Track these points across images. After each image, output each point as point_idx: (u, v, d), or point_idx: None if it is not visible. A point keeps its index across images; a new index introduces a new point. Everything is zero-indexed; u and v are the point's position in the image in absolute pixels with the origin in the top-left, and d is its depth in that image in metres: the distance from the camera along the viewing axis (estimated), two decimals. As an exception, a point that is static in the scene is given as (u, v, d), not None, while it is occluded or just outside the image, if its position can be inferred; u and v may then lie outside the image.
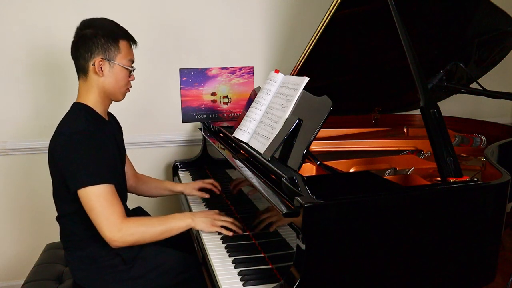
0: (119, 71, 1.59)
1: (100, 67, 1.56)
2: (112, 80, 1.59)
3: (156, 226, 1.50)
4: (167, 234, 1.51)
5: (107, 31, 1.57)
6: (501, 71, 2.39)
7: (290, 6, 2.62)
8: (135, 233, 1.46)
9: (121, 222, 1.44)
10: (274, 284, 1.12)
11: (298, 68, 2.01)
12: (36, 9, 2.31)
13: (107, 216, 1.43)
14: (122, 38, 1.60)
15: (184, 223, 1.53)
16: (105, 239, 1.44)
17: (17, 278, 2.42)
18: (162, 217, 1.54)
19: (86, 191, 1.43)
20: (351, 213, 1.08)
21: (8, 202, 2.42)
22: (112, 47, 1.56)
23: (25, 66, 2.34)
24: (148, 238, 1.49)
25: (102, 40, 1.55)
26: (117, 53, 1.58)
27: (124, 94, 1.66)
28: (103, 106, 1.64)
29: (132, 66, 1.64)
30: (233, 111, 2.65)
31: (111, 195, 1.46)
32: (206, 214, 1.58)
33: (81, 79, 1.61)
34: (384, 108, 2.43)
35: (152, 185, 2.01)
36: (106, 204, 1.43)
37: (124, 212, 1.47)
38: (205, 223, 1.53)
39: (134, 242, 1.47)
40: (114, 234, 1.43)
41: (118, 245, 1.45)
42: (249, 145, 1.62)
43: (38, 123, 2.38)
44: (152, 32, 2.43)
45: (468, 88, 1.90)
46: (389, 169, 1.64)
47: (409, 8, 1.75)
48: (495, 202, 1.20)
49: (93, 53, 1.55)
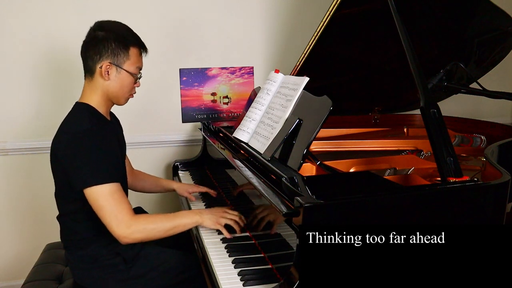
0: (125, 77, 1.59)
1: (107, 71, 1.56)
2: (117, 85, 1.59)
3: (164, 222, 1.51)
4: (175, 231, 1.52)
5: (119, 36, 1.56)
6: (501, 71, 2.39)
7: (290, 6, 2.62)
8: (144, 230, 1.47)
9: (130, 219, 1.45)
10: (274, 284, 1.12)
11: (298, 68, 2.01)
12: (36, 10, 2.31)
13: (116, 214, 1.44)
14: (133, 45, 1.59)
15: (192, 220, 1.54)
16: (115, 236, 1.45)
17: (17, 278, 2.42)
18: (170, 214, 1.55)
19: (93, 190, 1.44)
20: (351, 213, 1.08)
21: (8, 202, 2.42)
22: (121, 52, 1.56)
23: (25, 66, 2.34)
24: (157, 234, 1.50)
25: (112, 45, 1.55)
26: (126, 60, 1.57)
27: (127, 99, 1.67)
28: (105, 107, 1.64)
29: (139, 73, 1.64)
30: (233, 111, 2.65)
31: (118, 193, 1.47)
32: (213, 211, 1.59)
33: (87, 79, 1.62)
34: (384, 108, 2.43)
35: (147, 182, 2.04)
36: (114, 203, 1.45)
37: (132, 209, 1.49)
38: (211, 220, 1.53)
39: (143, 238, 1.49)
40: (124, 230, 1.44)
41: (127, 241, 1.47)
42: (249, 145, 1.62)
43: (38, 123, 2.38)
44: (152, 32, 2.42)
45: (468, 88, 1.89)
46: (389, 169, 1.64)
47: (409, 8, 1.75)
48: (495, 202, 1.20)
49: (102, 56, 1.55)
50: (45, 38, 2.34)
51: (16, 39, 2.31)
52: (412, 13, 1.84)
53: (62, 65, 2.37)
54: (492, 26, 2.04)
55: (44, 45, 2.34)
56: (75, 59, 2.35)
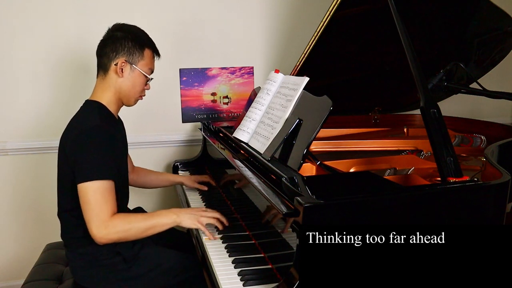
0: (138, 76, 1.65)
1: (121, 68, 1.62)
2: (130, 83, 1.65)
3: (140, 222, 1.50)
4: (152, 231, 1.51)
5: (136, 37, 1.65)
6: (501, 71, 2.39)
7: (290, 6, 2.62)
8: (119, 230, 1.47)
9: (108, 219, 1.46)
10: (274, 284, 1.12)
11: (298, 68, 2.01)
12: (36, 10, 2.31)
13: (97, 212, 1.44)
14: (148, 47, 1.68)
15: (169, 220, 1.53)
16: (91, 235, 1.46)
17: (17, 278, 2.42)
18: (147, 214, 1.56)
19: (85, 185, 1.45)
20: (351, 213, 1.08)
21: (8, 202, 2.42)
22: (137, 52, 1.64)
23: (25, 66, 2.34)
24: (133, 235, 1.50)
25: (129, 44, 1.62)
26: (140, 59, 1.65)
27: (136, 100, 1.72)
28: (116, 106, 1.68)
29: (150, 75, 1.70)
30: (233, 111, 2.65)
31: (108, 191, 1.47)
32: (192, 210, 1.59)
33: (100, 77, 1.66)
34: (384, 108, 2.43)
35: (150, 177, 2.08)
36: (100, 200, 1.45)
37: (115, 211, 1.48)
38: (190, 219, 1.53)
39: (118, 239, 1.49)
40: (100, 231, 1.45)
41: (103, 242, 1.47)
42: (249, 145, 1.62)
43: (38, 123, 2.38)
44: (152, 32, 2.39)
45: (468, 88, 1.89)
46: (389, 169, 1.64)
47: (409, 8, 1.75)
48: (495, 202, 1.20)
49: (118, 53, 1.62)
50: (45, 38, 2.34)
51: (16, 39, 2.31)
52: (412, 13, 1.84)
53: (63, 65, 2.37)
54: (492, 26, 2.04)
55: (44, 45, 2.34)
56: (75, 59, 2.37)
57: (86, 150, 1.49)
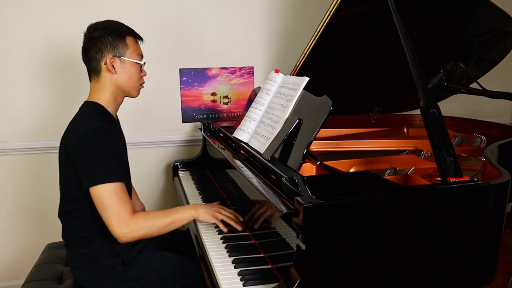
0: (130, 67, 1.64)
1: (112, 64, 1.61)
2: (125, 76, 1.64)
3: (162, 218, 1.52)
4: (173, 226, 1.54)
5: (113, 30, 1.62)
6: (501, 71, 2.39)
7: (290, 6, 2.62)
8: (143, 227, 1.48)
9: (130, 218, 1.47)
10: (274, 284, 1.12)
11: (298, 68, 2.01)
12: (36, 10, 2.31)
13: (118, 212, 1.45)
14: (128, 34, 1.65)
15: (188, 215, 1.56)
16: (114, 235, 1.46)
17: (17, 278, 2.42)
18: (167, 210, 1.57)
19: (99, 188, 1.45)
20: (351, 213, 1.08)
21: (8, 202, 2.42)
22: (120, 43, 1.62)
23: (25, 66, 2.34)
24: (156, 231, 1.51)
25: (109, 38, 1.60)
26: (126, 49, 1.63)
27: (138, 90, 1.71)
28: (115, 105, 1.68)
29: (142, 60, 1.68)
30: (233, 111, 2.65)
31: (123, 192, 1.49)
32: (209, 206, 1.60)
33: (93, 80, 1.65)
34: (384, 108, 2.43)
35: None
36: (118, 202, 1.46)
37: (133, 208, 1.50)
38: (207, 214, 1.56)
39: (142, 236, 1.50)
40: (123, 229, 1.45)
41: (127, 240, 1.48)
42: (249, 145, 1.62)
43: (38, 123, 2.38)
44: (152, 32, 2.42)
45: (468, 88, 1.89)
46: (389, 169, 1.63)
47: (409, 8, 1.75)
48: (495, 202, 1.20)
49: (103, 52, 1.60)
50: (45, 39, 2.34)
51: (16, 40, 2.31)
52: (412, 13, 1.84)
53: (62, 65, 2.37)
54: (492, 26, 2.04)
55: (44, 45, 2.34)
56: (75, 59, 2.36)
57: (90, 152, 1.48)
